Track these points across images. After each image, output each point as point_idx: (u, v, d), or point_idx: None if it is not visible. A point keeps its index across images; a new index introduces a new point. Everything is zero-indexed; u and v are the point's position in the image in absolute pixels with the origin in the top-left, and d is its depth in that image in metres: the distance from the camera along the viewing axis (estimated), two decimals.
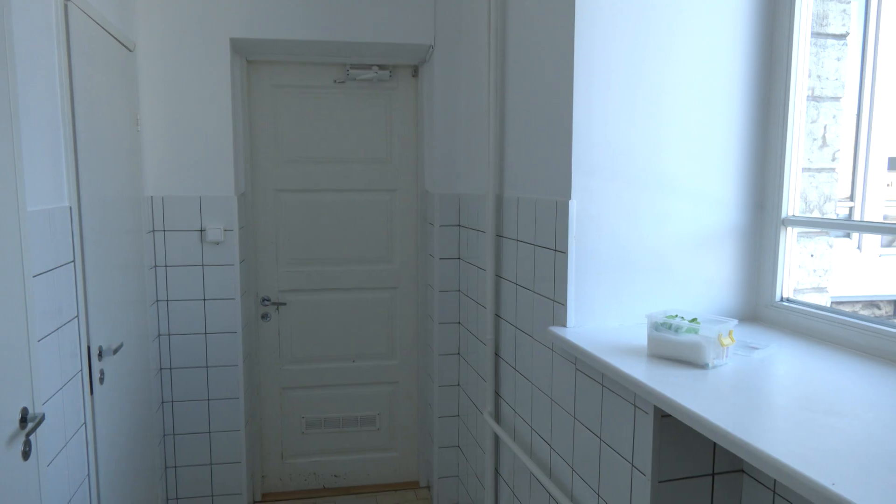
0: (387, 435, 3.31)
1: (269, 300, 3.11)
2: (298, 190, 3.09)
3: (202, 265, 2.75)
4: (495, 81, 2.27)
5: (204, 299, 2.77)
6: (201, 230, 2.74)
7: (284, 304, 3.13)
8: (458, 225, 2.93)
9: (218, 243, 2.75)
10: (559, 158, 1.79)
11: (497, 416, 2.43)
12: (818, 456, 0.96)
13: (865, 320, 1.50)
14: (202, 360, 2.80)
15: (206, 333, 2.78)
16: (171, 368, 2.78)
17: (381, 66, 3.04)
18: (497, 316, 2.38)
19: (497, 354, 2.40)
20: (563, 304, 1.77)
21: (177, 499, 2.87)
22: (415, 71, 3.10)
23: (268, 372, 3.17)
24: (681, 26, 1.72)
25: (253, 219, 3.07)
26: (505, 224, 2.26)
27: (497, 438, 2.44)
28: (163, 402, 2.80)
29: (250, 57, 2.93)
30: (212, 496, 2.89)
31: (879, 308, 3.13)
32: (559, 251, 1.79)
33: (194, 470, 2.86)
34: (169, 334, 2.76)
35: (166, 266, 2.73)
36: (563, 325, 1.77)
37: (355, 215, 3.15)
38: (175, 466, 2.84)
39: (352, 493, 3.25)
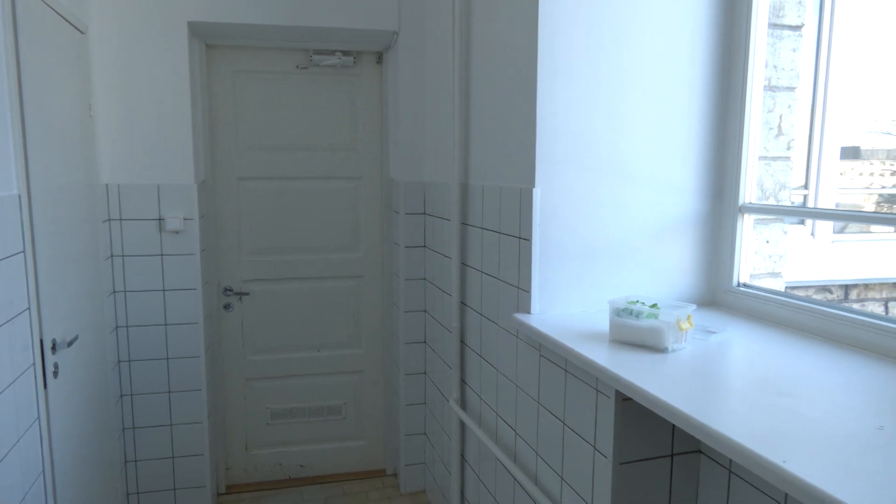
0: (353, 424, 3.30)
1: (231, 290, 3.06)
2: (261, 178, 3.04)
3: (161, 255, 2.69)
4: (460, 69, 2.26)
5: (164, 290, 2.70)
6: (160, 219, 2.67)
7: (247, 293, 3.08)
8: (424, 213, 2.92)
9: (177, 232, 2.69)
10: (523, 147, 1.79)
11: (463, 403, 2.45)
12: (771, 436, 0.99)
13: (818, 304, 1.55)
14: (162, 352, 2.74)
15: (166, 325, 2.72)
16: (129, 361, 2.72)
17: (345, 53, 3.00)
18: (463, 304, 2.38)
19: (463, 342, 2.41)
20: (528, 292, 1.78)
21: (138, 493, 2.81)
22: (379, 57, 3.06)
23: (231, 363, 3.12)
24: (642, 16, 1.74)
25: (214, 207, 3.00)
26: (470, 212, 2.26)
27: (463, 425, 2.45)
28: (121, 396, 2.73)
29: (209, 41, 2.85)
30: (174, 489, 2.84)
31: (831, 292, 3.24)
32: (523, 239, 1.80)
33: (156, 463, 2.81)
34: (127, 326, 2.69)
35: (123, 256, 2.66)
36: (528, 311, 1.78)
37: (319, 203, 3.11)
38: (136, 460, 2.79)
39: (318, 483, 3.23)
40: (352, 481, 3.26)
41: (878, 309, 3.34)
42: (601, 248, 1.79)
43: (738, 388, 1.23)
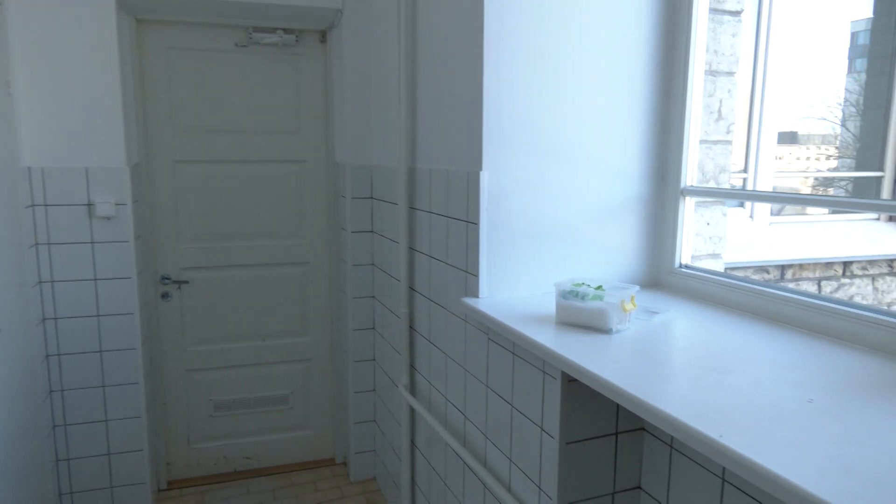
0: (300, 413, 3.27)
1: (169, 278, 2.96)
2: (199, 161, 2.94)
3: (92, 242, 2.57)
4: (406, 50, 2.24)
5: (95, 279, 2.59)
6: (89, 204, 2.55)
7: (186, 282, 2.99)
8: (371, 197, 2.90)
9: (109, 218, 2.58)
10: (470, 130, 1.79)
11: (412, 389, 2.46)
12: (709, 411, 1.03)
13: (755, 284, 1.62)
14: (95, 345, 2.63)
15: (98, 316, 2.62)
16: (59, 355, 2.60)
17: (287, 31, 2.92)
18: (411, 289, 2.38)
19: (412, 327, 2.41)
20: (476, 276, 1.79)
21: (71, 493, 2.71)
22: (323, 36, 3.00)
23: (170, 354, 3.03)
24: (587, 1, 1.76)
25: (149, 192, 2.89)
26: (418, 196, 2.26)
27: (413, 411, 2.46)
28: (51, 391, 2.62)
29: (140, 15, 2.73)
30: (111, 487, 2.75)
31: (768, 273, 3.39)
32: (471, 223, 1.80)
33: (91, 461, 2.71)
34: (56, 318, 2.58)
35: (49, 244, 2.53)
36: (476, 296, 1.80)
37: (262, 188, 3.04)
38: (68, 459, 2.68)
39: (265, 475, 3.19)
40: (300, 471, 3.23)
41: (811, 288, 3.53)
42: (548, 231, 1.82)
43: (678, 367, 1.28)
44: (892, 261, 3.65)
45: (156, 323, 2.97)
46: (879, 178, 3.78)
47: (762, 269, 3.35)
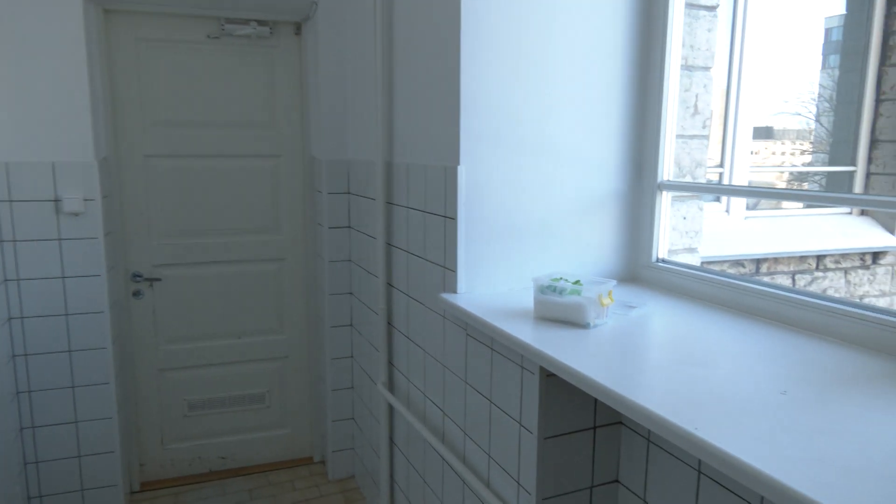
0: (277, 412, 3.24)
1: (141, 276, 2.92)
2: (171, 155, 2.90)
3: (59, 239, 2.52)
4: (382, 43, 2.23)
5: (63, 277, 2.54)
6: (56, 200, 2.50)
7: (159, 279, 2.95)
8: (348, 192, 2.88)
9: (77, 214, 2.53)
10: (448, 124, 1.79)
11: (391, 386, 2.45)
12: (685, 404, 1.05)
13: (731, 278, 1.65)
14: (64, 344, 2.58)
15: (67, 315, 2.57)
16: (26, 355, 2.55)
17: (261, 22, 2.88)
18: (389, 285, 2.38)
19: (390, 324, 2.40)
20: (454, 271, 1.79)
21: (41, 496, 2.66)
22: (297, 28, 2.97)
23: (143, 353, 2.99)
24: None
25: (119, 187, 2.84)
26: (395, 191, 2.25)
27: (391, 408, 2.46)
28: (18, 393, 2.56)
29: (107, 5, 2.67)
30: (82, 490, 2.71)
31: (744, 266, 3.45)
32: (449, 218, 1.80)
33: (61, 463, 2.66)
34: (22, 317, 2.52)
35: (15, 241, 2.48)
36: (454, 291, 1.80)
37: (237, 183, 3.00)
38: (37, 462, 2.63)
39: (241, 475, 3.17)
40: (277, 471, 3.21)
41: (785, 281, 3.59)
42: (526, 226, 1.83)
43: (655, 361, 1.29)
44: (863, 254, 3.74)
45: (127, 321, 2.93)
46: (852, 173, 3.87)
47: (738, 262, 3.40)
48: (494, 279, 1.82)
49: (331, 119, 2.83)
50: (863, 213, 3.90)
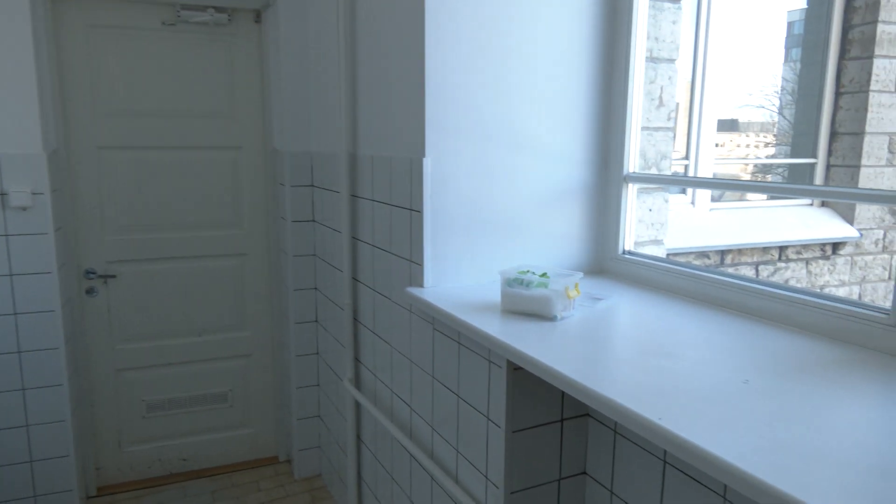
0: (241, 411, 3.21)
1: (94, 273, 2.84)
2: (125, 147, 2.82)
3: (6, 235, 2.44)
4: (345, 31, 2.21)
5: (11, 274, 2.46)
6: (2, 193, 2.42)
7: (114, 276, 2.88)
8: (312, 185, 2.85)
9: (25, 209, 2.45)
10: (413, 115, 1.79)
11: (357, 383, 2.45)
12: (650, 395, 1.07)
13: (696, 269, 1.69)
14: (13, 345, 2.51)
15: (15, 314, 2.49)
16: None
17: (218, 9, 2.83)
18: (355, 279, 2.37)
19: (356, 319, 2.40)
20: (420, 265, 1.79)
21: None
22: (257, 16, 2.92)
23: (98, 353, 2.92)
24: None
25: (70, 180, 2.76)
26: (360, 184, 2.24)
27: (358, 405, 2.46)
28: None
29: None
30: (35, 496, 2.63)
31: (709, 258, 3.53)
32: (414, 210, 1.80)
33: (11, 469, 2.58)
34: None
35: None
36: (421, 285, 1.80)
37: (196, 176, 2.94)
38: None
39: (203, 477, 3.13)
40: (241, 471, 3.18)
41: (749, 272, 3.69)
42: (493, 219, 1.84)
43: (621, 352, 1.32)
44: (823, 245, 3.86)
45: (80, 320, 2.85)
46: (813, 165, 3.98)
47: (703, 254, 3.48)
48: (461, 272, 1.83)
49: (293, 110, 2.79)
50: (823, 204, 4.03)
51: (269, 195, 3.07)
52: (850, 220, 3.92)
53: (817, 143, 3.94)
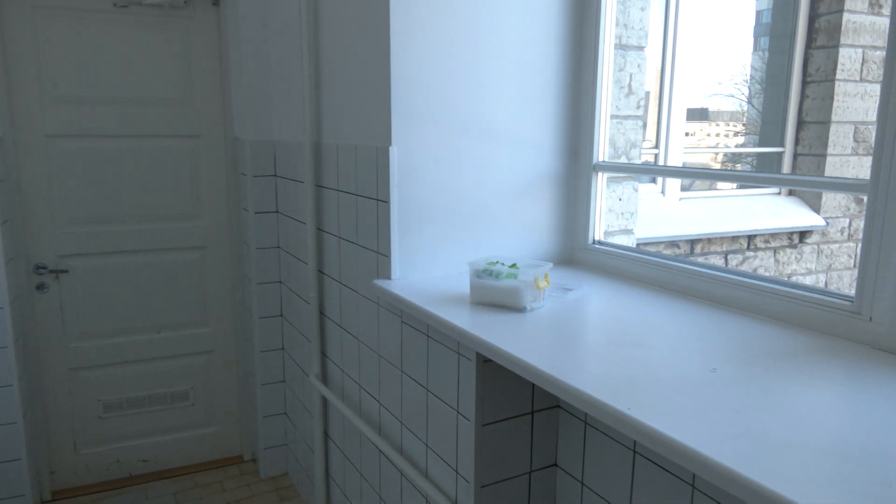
0: (203, 409, 3.16)
1: (44, 268, 2.77)
2: (76, 135, 2.75)
3: None
4: (308, 15, 2.17)
5: None
6: None
7: (66, 271, 2.81)
8: (275, 175, 2.82)
9: None
10: (378, 102, 1.77)
11: (324, 378, 2.43)
12: (619, 385, 1.08)
13: (665, 259, 1.71)
14: None
15: None
16: None
17: None
18: (320, 272, 2.35)
19: (322, 313, 2.38)
20: (387, 256, 1.79)
21: None
22: None
23: (50, 351, 2.84)
24: None
25: (17, 170, 2.67)
26: (324, 173, 2.22)
27: (325, 401, 2.44)
28: None
29: None
30: None
31: (679, 247, 3.59)
32: (381, 201, 1.79)
33: None
34: None
35: None
36: (388, 277, 1.79)
37: (152, 165, 2.88)
38: None
39: (164, 478, 3.08)
40: (205, 472, 3.14)
41: (718, 261, 3.77)
42: (462, 209, 1.84)
43: (591, 343, 1.33)
44: (791, 234, 3.96)
45: (31, 318, 2.77)
46: (780, 154, 4.08)
47: (673, 243, 3.54)
48: (429, 264, 1.82)
49: (254, 96, 2.75)
50: (791, 193, 4.13)
51: (231, 185, 3.02)
52: (816, 208, 4.03)
53: (785, 132, 4.04)
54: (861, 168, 4.01)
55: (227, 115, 2.94)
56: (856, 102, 3.89)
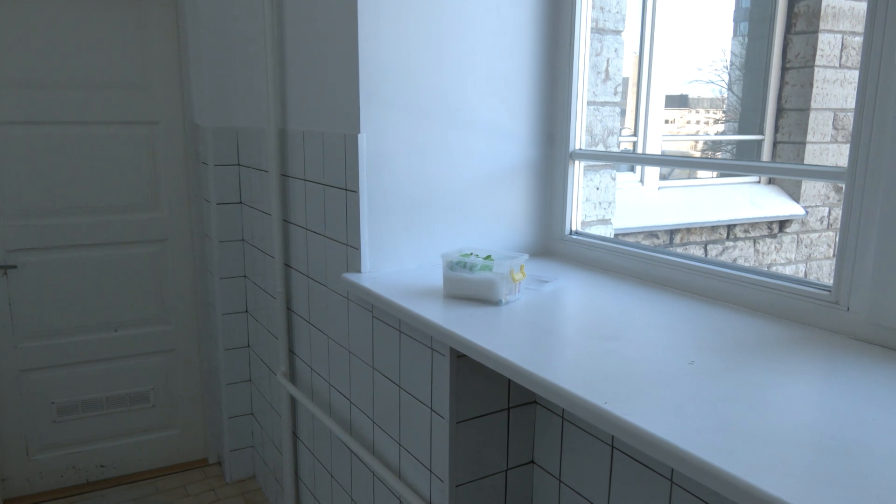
0: (164, 411, 3.12)
1: None
2: (22, 122, 2.68)
3: None
4: None
5: None
6: None
7: (14, 266, 2.74)
8: (238, 164, 2.78)
9: None
10: (346, 87, 1.76)
11: (292, 376, 2.42)
12: (596, 379, 1.10)
13: (643, 249, 1.73)
14: None
15: None
16: None
17: None
18: (287, 266, 2.33)
19: (289, 308, 2.36)
20: (357, 249, 1.78)
21: None
22: None
23: None
24: None
25: None
26: (290, 162, 2.19)
27: (293, 400, 2.43)
28: None
29: None
30: None
31: (658, 238, 3.64)
32: (350, 190, 1.78)
33: None
34: None
35: None
36: (358, 270, 1.79)
37: (107, 154, 2.82)
38: None
39: (124, 484, 3.04)
40: (167, 476, 3.11)
41: (698, 252, 3.83)
42: (434, 199, 1.83)
43: (568, 336, 1.35)
44: (771, 223, 4.04)
45: None
46: (760, 142, 4.15)
47: (652, 233, 3.59)
48: (401, 256, 1.82)
49: (215, 81, 2.70)
50: (770, 181, 4.21)
51: (191, 175, 2.97)
52: (796, 197, 4.11)
53: (764, 119, 4.11)
54: (840, 156, 4.10)
55: (187, 101, 2.90)
56: (835, 89, 3.98)
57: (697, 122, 4.45)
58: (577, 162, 1.94)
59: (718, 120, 4.48)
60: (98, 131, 2.80)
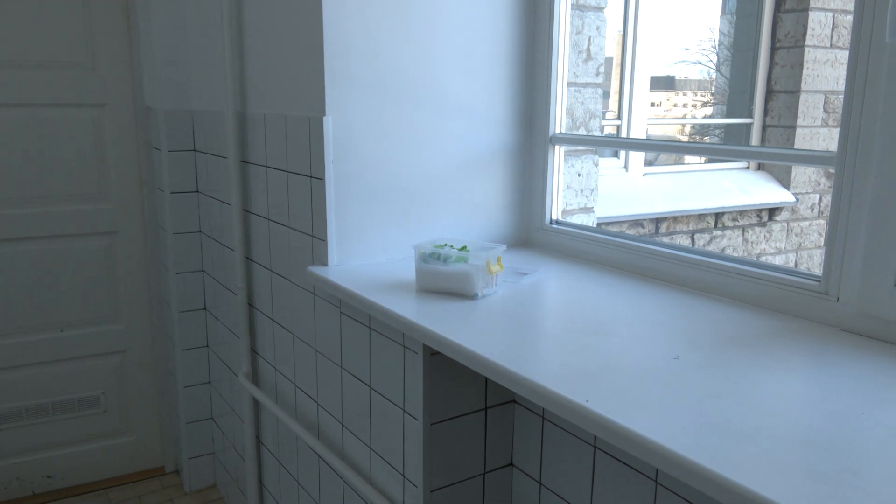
0: (116, 417, 3.09)
1: None
2: None
3: None
4: None
5: None
6: None
7: None
8: (194, 150, 2.75)
9: None
10: (310, 67, 1.74)
11: (255, 378, 2.41)
12: (577, 377, 1.11)
13: (626, 239, 1.75)
14: None
15: None
16: None
17: None
18: (248, 259, 2.31)
19: (251, 305, 2.35)
20: (324, 240, 1.77)
21: None
22: None
23: None
24: None
25: None
26: (251, 147, 2.18)
27: (257, 403, 2.42)
28: None
29: None
30: None
31: (643, 227, 3.68)
32: (315, 178, 1.77)
33: None
34: None
35: None
36: (325, 263, 1.78)
37: (49, 139, 2.77)
38: None
39: (74, 495, 3.01)
40: (120, 486, 3.08)
41: (685, 241, 3.88)
42: (406, 186, 1.83)
43: (548, 332, 1.36)
44: (760, 211, 4.11)
45: None
46: (749, 125, 4.21)
47: (637, 222, 3.62)
48: (371, 248, 1.82)
49: (168, 60, 2.67)
50: (760, 167, 4.27)
51: (143, 162, 2.93)
52: (786, 183, 4.18)
53: (753, 102, 4.17)
54: (831, 140, 4.18)
55: (137, 81, 2.85)
56: (826, 70, 4.05)
57: (684, 105, 4.50)
58: (557, 147, 1.95)
59: (706, 103, 4.53)
60: (39, 114, 2.74)
